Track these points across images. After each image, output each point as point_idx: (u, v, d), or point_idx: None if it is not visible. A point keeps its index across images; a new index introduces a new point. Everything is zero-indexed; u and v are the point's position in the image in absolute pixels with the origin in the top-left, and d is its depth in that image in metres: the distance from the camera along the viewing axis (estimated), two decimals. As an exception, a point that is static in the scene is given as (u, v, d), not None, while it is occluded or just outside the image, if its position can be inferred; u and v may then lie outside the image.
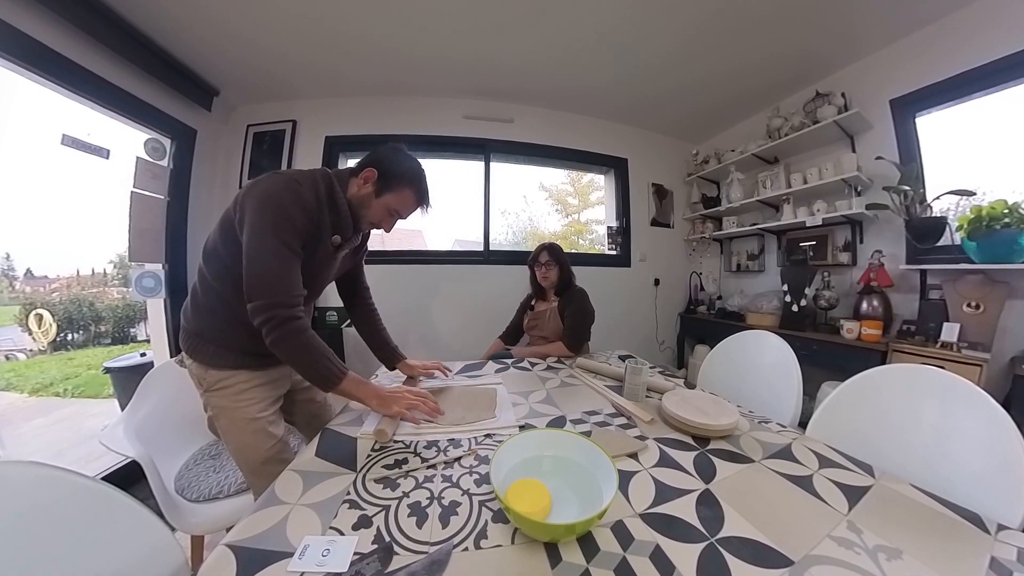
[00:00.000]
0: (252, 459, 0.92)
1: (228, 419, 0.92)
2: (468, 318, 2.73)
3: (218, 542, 0.52)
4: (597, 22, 1.87)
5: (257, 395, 0.93)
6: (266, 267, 0.79)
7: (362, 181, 0.92)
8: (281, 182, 0.83)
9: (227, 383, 0.90)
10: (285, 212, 0.80)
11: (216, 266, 0.88)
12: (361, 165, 0.95)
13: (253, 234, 0.79)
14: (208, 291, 0.90)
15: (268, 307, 0.78)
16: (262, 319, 0.79)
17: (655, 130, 3.21)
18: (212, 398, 0.92)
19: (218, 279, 0.88)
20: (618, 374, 1.24)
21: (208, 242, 0.90)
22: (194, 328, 0.92)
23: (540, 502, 0.56)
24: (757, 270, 2.89)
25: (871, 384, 0.90)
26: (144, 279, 2.01)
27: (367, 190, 0.93)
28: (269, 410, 0.95)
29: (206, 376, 0.91)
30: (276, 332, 0.79)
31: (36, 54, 1.48)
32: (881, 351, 1.77)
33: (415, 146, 2.77)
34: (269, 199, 0.80)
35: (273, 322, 0.79)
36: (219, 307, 0.89)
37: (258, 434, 0.92)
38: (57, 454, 2.03)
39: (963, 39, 1.74)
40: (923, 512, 0.58)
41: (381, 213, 0.96)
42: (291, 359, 0.83)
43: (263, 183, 0.83)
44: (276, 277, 0.80)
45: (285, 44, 2.02)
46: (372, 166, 0.92)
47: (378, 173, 0.92)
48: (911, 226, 1.82)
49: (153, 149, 2.04)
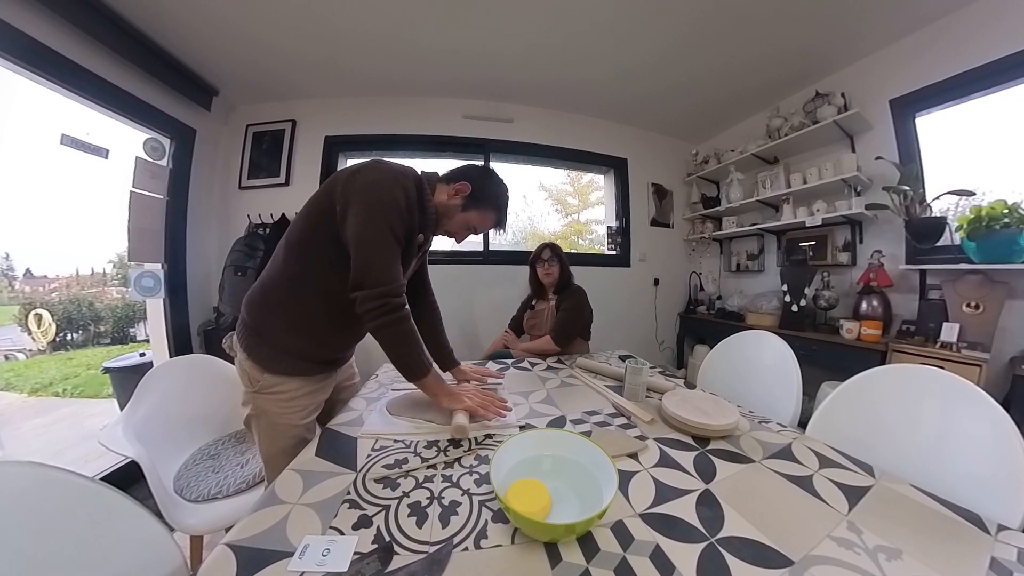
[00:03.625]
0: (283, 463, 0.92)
1: (270, 422, 0.91)
2: (468, 318, 2.73)
3: (217, 542, 0.52)
4: (595, 15, 1.86)
5: (304, 403, 0.93)
6: (379, 256, 0.81)
7: (452, 191, 0.95)
8: (389, 174, 0.84)
9: (279, 389, 0.90)
10: (396, 202, 0.82)
11: (300, 261, 0.86)
12: (454, 175, 0.97)
13: (364, 223, 0.79)
14: (285, 287, 0.87)
15: (381, 295, 0.80)
16: (373, 305, 0.80)
17: (655, 130, 3.21)
18: (259, 399, 0.90)
19: (300, 276, 0.86)
20: (618, 374, 1.24)
21: (291, 235, 0.88)
22: (255, 324, 0.90)
23: (540, 502, 0.56)
24: (757, 270, 2.89)
25: (871, 384, 0.90)
26: (143, 279, 2.01)
27: (456, 201, 0.96)
28: (310, 417, 0.96)
29: (261, 378, 0.89)
30: (385, 317, 0.81)
31: (36, 54, 1.48)
32: (881, 351, 1.77)
33: (415, 146, 2.80)
34: (379, 189, 0.81)
35: (384, 308, 0.80)
36: (292, 305, 0.87)
37: (295, 439, 0.92)
38: (56, 454, 2.03)
39: (963, 39, 1.74)
40: (923, 512, 0.58)
41: (461, 225, 1.00)
42: (392, 344, 0.85)
43: (369, 173, 0.83)
44: (387, 266, 0.81)
45: (284, 44, 2.02)
46: (467, 180, 0.95)
47: (471, 188, 0.95)
48: (911, 226, 1.82)
49: (152, 149, 2.03)
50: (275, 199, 2.49)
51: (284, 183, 2.54)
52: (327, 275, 0.85)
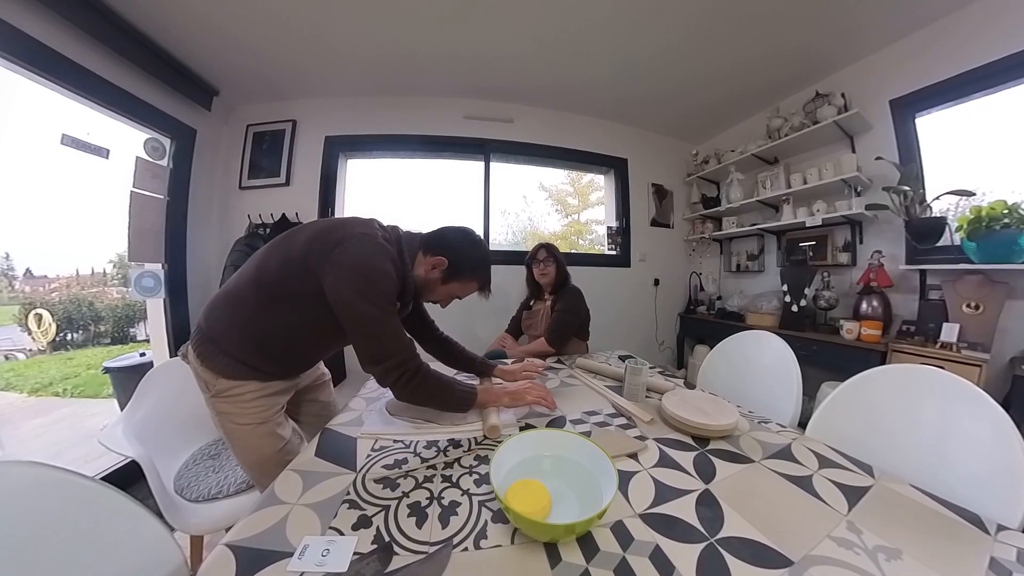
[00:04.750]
0: (261, 461, 0.92)
1: (234, 423, 0.91)
2: (467, 318, 2.73)
3: (217, 542, 0.52)
4: (595, 17, 1.86)
5: (264, 403, 0.93)
6: (385, 331, 0.82)
7: (430, 266, 0.94)
8: (374, 248, 0.84)
9: (235, 392, 0.89)
10: (389, 277, 0.84)
11: (270, 297, 0.86)
12: (431, 246, 0.96)
13: (362, 300, 0.79)
14: (251, 311, 0.87)
15: (398, 365, 0.81)
16: (395, 376, 0.82)
17: (655, 130, 3.21)
18: (218, 404, 0.91)
19: (268, 308, 0.86)
20: (618, 374, 1.24)
21: (267, 271, 0.87)
22: (211, 334, 0.90)
23: (540, 502, 0.56)
24: (757, 270, 2.89)
25: (871, 384, 0.90)
26: (143, 279, 2.01)
27: (435, 275, 0.95)
28: (276, 416, 0.95)
29: (216, 383, 0.89)
30: (411, 384, 0.83)
31: (36, 54, 1.48)
32: (881, 351, 1.77)
33: (415, 146, 2.81)
34: (372, 264, 0.82)
35: (406, 376, 0.82)
36: (255, 331, 0.88)
37: (266, 437, 0.92)
38: (56, 454, 2.03)
39: (963, 39, 1.74)
40: (923, 512, 0.58)
41: (444, 295, 1.01)
42: (429, 400, 0.88)
43: (356, 246, 0.82)
44: (396, 337, 0.83)
45: (284, 45, 2.02)
46: (443, 255, 0.94)
47: (448, 263, 0.94)
48: (911, 226, 1.82)
49: (153, 149, 2.03)
50: (275, 199, 2.49)
51: (284, 183, 2.54)
52: (298, 314, 0.86)
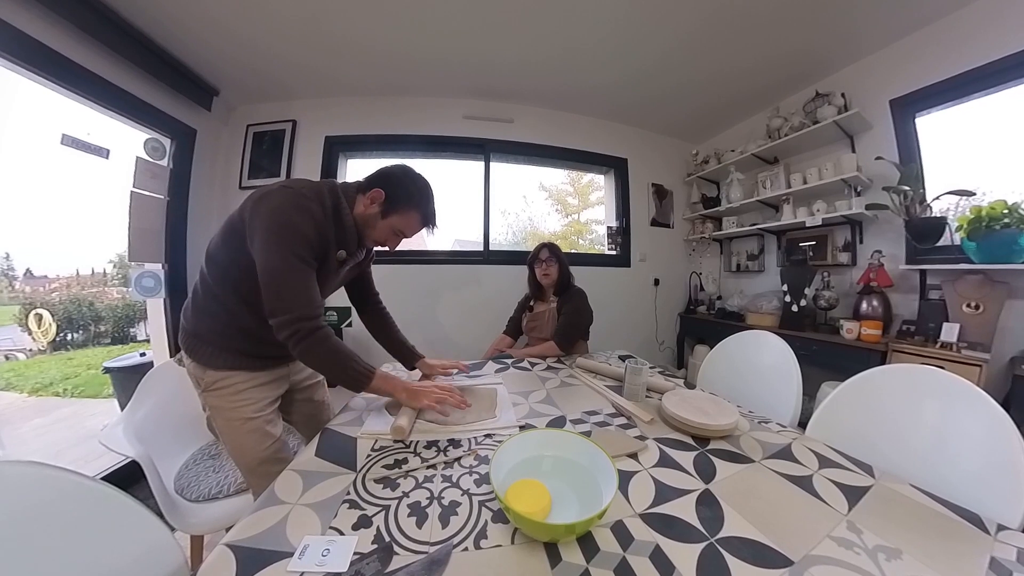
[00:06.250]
0: (250, 459, 0.93)
1: (225, 419, 0.92)
2: (468, 318, 2.73)
3: (217, 542, 0.52)
4: (596, 20, 1.87)
5: (254, 395, 0.93)
6: (285, 283, 0.80)
7: (368, 201, 0.93)
8: (290, 197, 0.83)
9: (224, 383, 0.91)
10: (296, 228, 0.81)
11: (217, 271, 0.89)
12: (369, 183, 0.95)
13: (268, 251, 0.79)
14: (208, 294, 0.90)
15: (292, 321, 0.80)
16: (287, 333, 0.80)
17: (655, 130, 3.21)
18: (209, 398, 0.92)
19: (218, 283, 0.89)
20: (618, 374, 1.24)
21: (211, 245, 0.90)
22: (192, 328, 0.92)
23: (540, 502, 0.56)
24: (757, 270, 2.89)
25: (871, 384, 0.90)
26: (144, 279, 2.01)
27: (373, 210, 0.93)
28: (267, 410, 0.95)
29: (204, 376, 0.91)
30: (303, 343, 0.81)
31: (36, 54, 1.48)
32: (881, 351, 1.77)
33: (415, 146, 2.81)
34: (280, 215, 0.81)
35: (299, 335, 0.80)
36: (218, 310, 0.90)
37: (255, 434, 0.92)
38: (56, 454, 2.03)
39: (963, 39, 1.74)
40: (923, 512, 0.58)
41: (386, 233, 0.97)
42: (321, 367, 0.87)
43: (272, 198, 0.83)
44: (295, 292, 0.81)
45: (285, 46, 2.02)
46: (380, 186, 0.92)
47: (385, 194, 0.92)
48: (911, 226, 1.82)
49: (153, 149, 2.04)
50: (275, 199, 2.49)
51: (284, 183, 2.54)
52: (248, 286, 0.85)
